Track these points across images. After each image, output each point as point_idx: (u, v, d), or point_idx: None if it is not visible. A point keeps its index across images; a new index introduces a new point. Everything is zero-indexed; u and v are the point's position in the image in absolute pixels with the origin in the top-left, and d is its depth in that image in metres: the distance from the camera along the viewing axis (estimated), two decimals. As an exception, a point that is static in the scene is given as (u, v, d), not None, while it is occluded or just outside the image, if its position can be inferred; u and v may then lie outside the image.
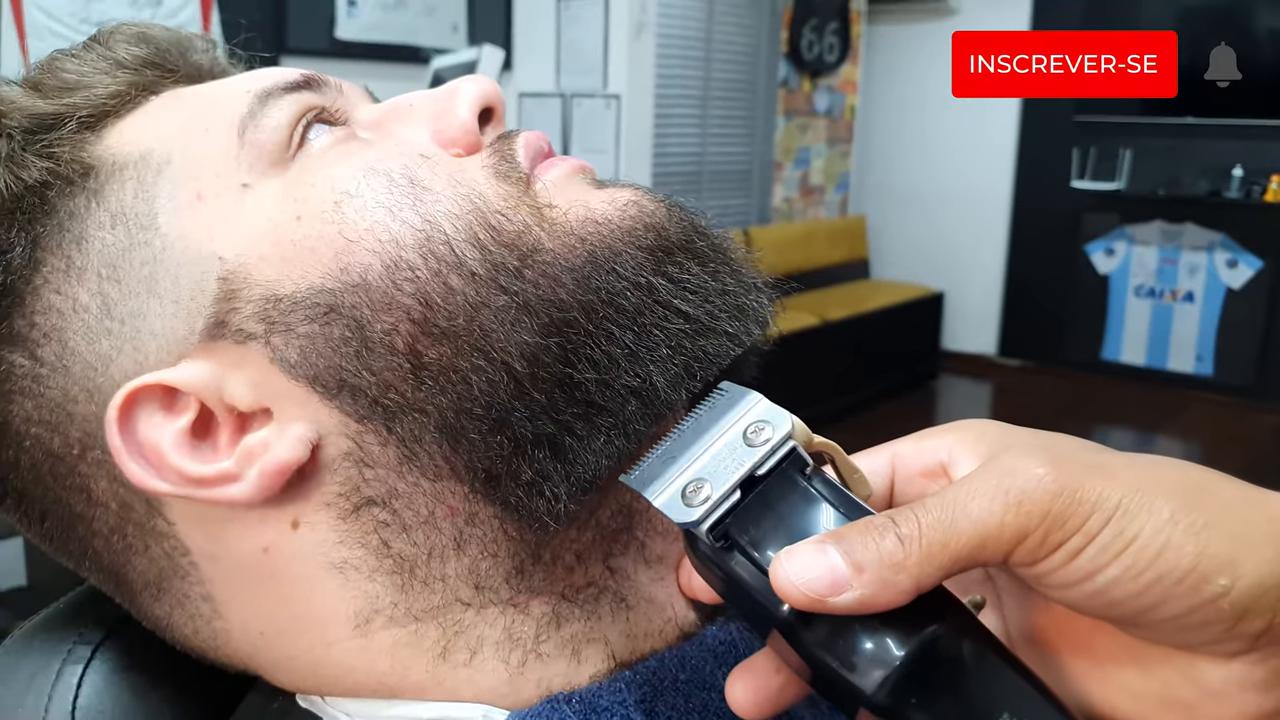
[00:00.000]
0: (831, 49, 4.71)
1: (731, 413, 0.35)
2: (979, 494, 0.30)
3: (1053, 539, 0.29)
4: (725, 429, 0.34)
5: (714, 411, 0.35)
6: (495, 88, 0.44)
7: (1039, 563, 0.30)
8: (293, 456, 0.37)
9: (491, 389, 0.37)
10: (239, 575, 0.39)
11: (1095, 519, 0.29)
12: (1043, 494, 0.29)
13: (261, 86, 0.41)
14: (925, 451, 0.36)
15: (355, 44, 3.19)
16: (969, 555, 0.29)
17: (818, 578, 0.29)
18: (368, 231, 0.37)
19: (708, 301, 0.40)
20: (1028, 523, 0.29)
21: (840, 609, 0.29)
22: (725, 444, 0.34)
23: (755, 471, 0.33)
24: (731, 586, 0.33)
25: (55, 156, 0.40)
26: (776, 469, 0.33)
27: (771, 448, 0.33)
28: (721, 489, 0.33)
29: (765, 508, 0.33)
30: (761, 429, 0.34)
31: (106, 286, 0.38)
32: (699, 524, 0.32)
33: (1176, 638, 0.30)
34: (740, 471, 0.33)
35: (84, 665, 0.44)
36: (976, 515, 0.29)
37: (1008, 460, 0.31)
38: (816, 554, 0.30)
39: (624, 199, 0.41)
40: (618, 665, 0.40)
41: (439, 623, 0.39)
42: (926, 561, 0.29)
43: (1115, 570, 0.29)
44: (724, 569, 0.33)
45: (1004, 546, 0.29)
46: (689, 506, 0.33)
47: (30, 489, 0.41)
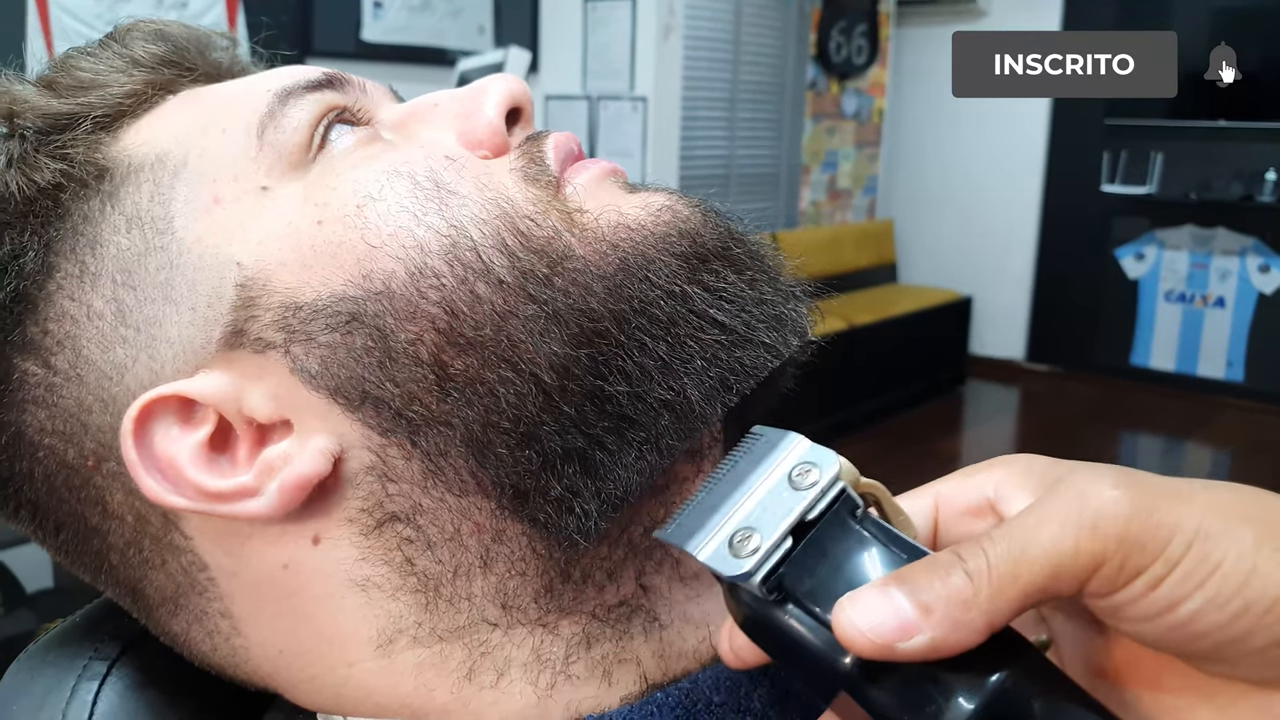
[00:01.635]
0: (860, 51, 4.69)
1: (772, 456, 0.33)
2: (1049, 519, 0.27)
3: (1131, 565, 0.27)
4: (767, 474, 0.32)
5: (752, 456, 0.33)
6: (523, 86, 0.43)
7: (1117, 592, 0.27)
8: (314, 470, 0.35)
9: (519, 402, 0.35)
10: (258, 592, 0.38)
11: (1176, 544, 0.27)
12: (1118, 516, 0.27)
13: (282, 85, 0.40)
14: (970, 489, 0.33)
15: (381, 46, 3.19)
16: (1042, 586, 0.27)
17: (884, 623, 0.27)
18: (391, 237, 0.36)
19: (744, 311, 0.38)
20: (1104, 548, 0.27)
21: (911, 655, 0.27)
22: (769, 489, 0.32)
23: (805, 516, 0.31)
24: (786, 643, 0.30)
25: (69, 158, 0.39)
26: (827, 513, 0.31)
27: (821, 490, 0.31)
28: (772, 537, 0.30)
29: (819, 555, 0.30)
30: (808, 471, 0.31)
31: (121, 293, 0.37)
32: (751, 576, 0.30)
33: (1257, 672, 0.28)
34: (790, 517, 0.30)
35: (100, 681, 0.43)
36: (1048, 542, 0.27)
37: (1077, 483, 0.28)
38: (881, 598, 0.28)
39: (658, 203, 0.39)
40: (650, 687, 0.39)
41: (465, 643, 0.37)
42: (998, 596, 0.27)
43: (1199, 601, 0.27)
44: (778, 624, 0.30)
45: (1080, 575, 0.27)
46: (738, 558, 0.30)
47: (45, 501, 0.40)
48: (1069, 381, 4.87)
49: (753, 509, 0.31)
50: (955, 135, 4.95)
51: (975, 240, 4.99)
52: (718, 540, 0.31)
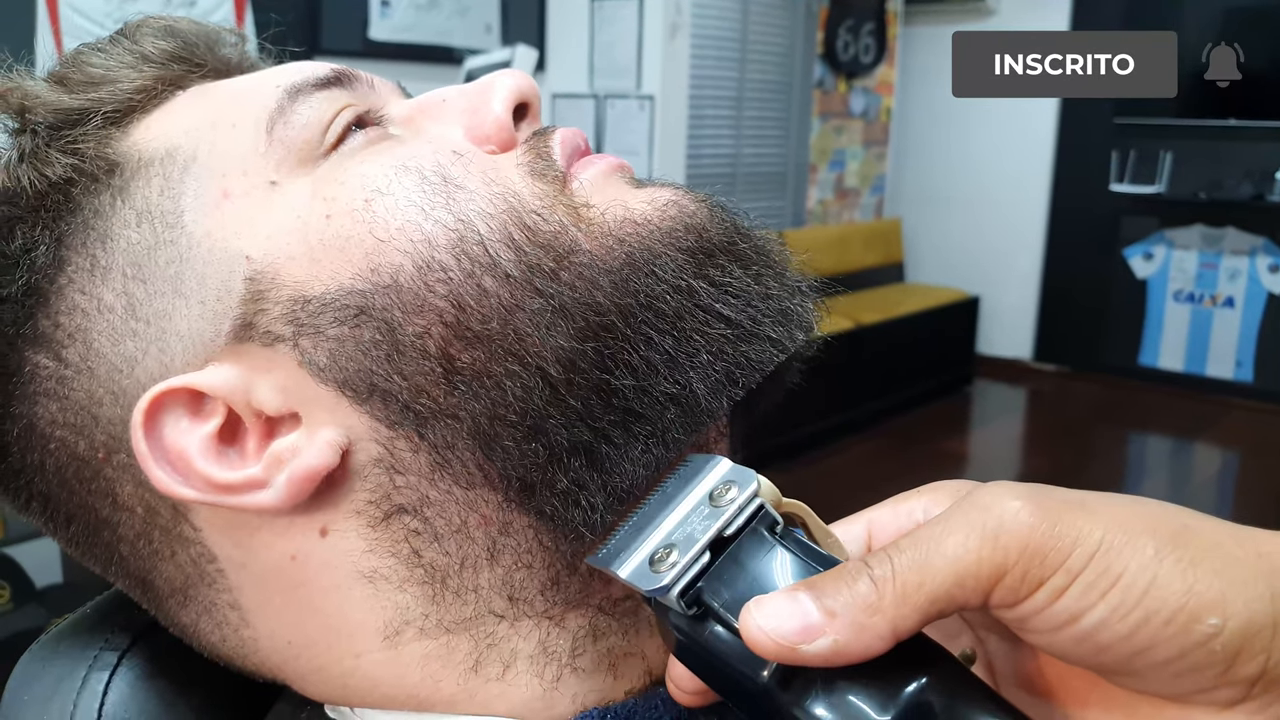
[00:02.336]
0: (867, 50, 4.68)
1: (696, 478, 0.34)
2: (954, 530, 0.28)
3: (1033, 576, 0.27)
4: (690, 494, 0.33)
5: (679, 480, 0.34)
6: (530, 82, 0.43)
7: (1021, 603, 0.28)
8: (322, 462, 0.36)
9: (526, 395, 0.36)
10: (266, 583, 0.38)
11: (1078, 555, 0.27)
12: (1019, 526, 0.27)
13: (291, 82, 0.40)
14: (901, 514, 0.34)
15: (388, 44, 3.20)
16: (946, 595, 0.28)
17: (787, 625, 0.28)
18: (399, 231, 0.36)
19: (750, 306, 0.38)
20: (1006, 558, 0.27)
21: (814, 658, 0.28)
22: (690, 508, 0.33)
23: (724, 532, 0.31)
24: (712, 662, 0.31)
25: (80, 153, 0.39)
26: (745, 528, 0.32)
27: (739, 506, 0.32)
28: (690, 553, 0.31)
29: (737, 568, 0.31)
30: (727, 489, 0.32)
31: (131, 286, 0.38)
32: (669, 589, 0.30)
33: (1169, 686, 0.28)
34: (709, 534, 0.31)
35: (110, 671, 0.43)
36: (952, 552, 0.28)
37: (981, 496, 0.29)
38: (786, 602, 0.28)
39: (664, 199, 0.40)
40: (654, 681, 0.39)
41: (471, 635, 0.38)
42: (902, 603, 0.27)
43: (1102, 611, 0.27)
44: (702, 643, 0.31)
45: (983, 585, 0.27)
46: (656, 573, 0.31)
47: (55, 493, 0.40)
48: (1077, 381, 4.85)
49: (673, 528, 0.32)
50: (963, 134, 4.94)
51: (983, 239, 4.98)
52: (639, 558, 0.32)
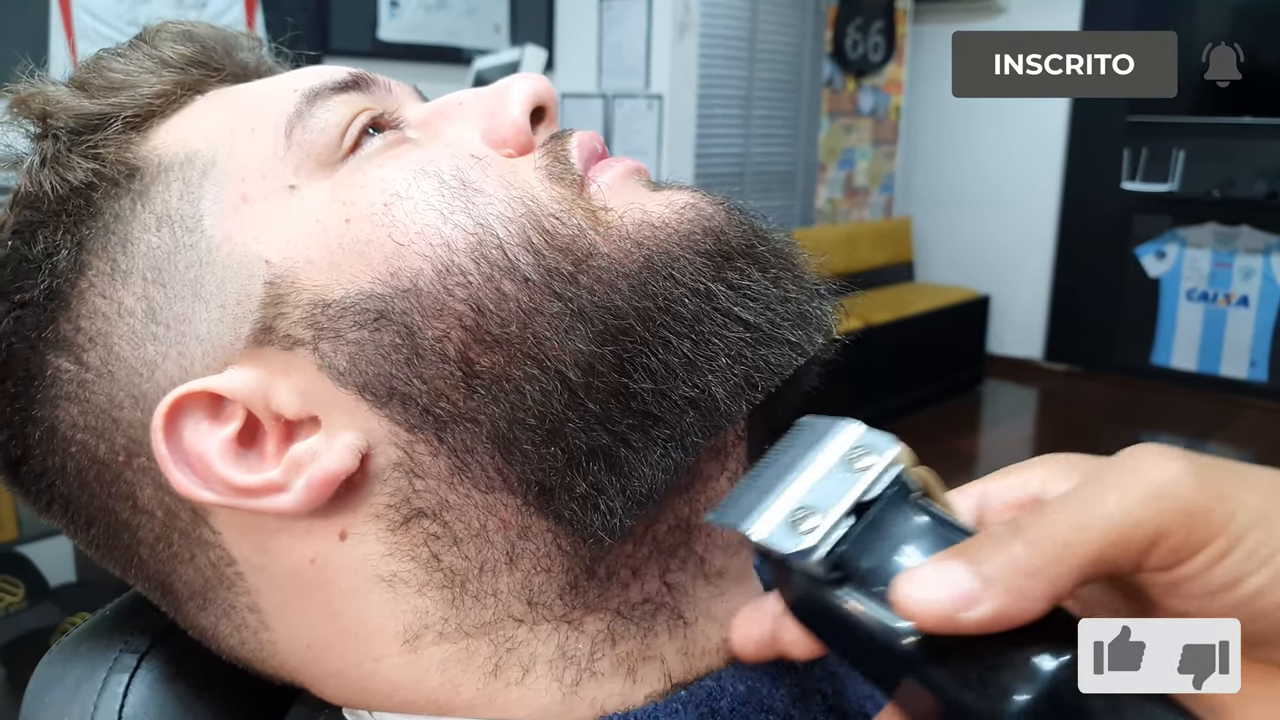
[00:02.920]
0: (876, 48, 4.67)
1: (825, 441, 0.33)
2: (1112, 488, 0.27)
3: (1195, 539, 0.26)
4: (821, 458, 0.32)
5: (803, 443, 0.33)
6: (547, 85, 0.43)
7: (1180, 565, 0.27)
8: (341, 466, 0.36)
9: (545, 399, 0.36)
10: (286, 586, 0.38)
11: (1241, 520, 0.26)
12: (1183, 489, 0.26)
13: (309, 86, 0.40)
14: (1014, 487, 0.33)
15: (397, 45, 3.20)
16: (1105, 556, 0.26)
17: (943, 594, 0.27)
18: (418, 235, 0.36)
19: (769, 309, 0.38)
20: (1168, 520, 0.26)
21: (971, 625, 0.27)
22: (825, 472, 0.31)
23: (864, 497, 0.31)
24: (842, 626, 0.30)
25: (101, 157, 0.39)
26: (884, 494, 0.31)
27: (879, 472, 0.31)
28: (833, 516, 0.30)
29: (877, 535, 0.30)
30: (865, 454, 0.32)
31: (152, 290, 0.38)
32: (812, 553, 0.30)
33: None
34: (850, 497, 0.30)
35: (130, 674, 0.43)
36: (1111, 512, 0.26)
37: (1138, 455, 0.28)
38: (940, 571, 0.27)
39: (681, 202, 0.40)
40: (674, 685, 0.39)
41: (490, 639, 0.38)
42: (1060, 563, 0.26)
43: (1264, 577, 0.26)
44: (834, 606, 0.30)
45: (1143, 546, 0.26)
46: (798, 536, 0.30)
47: (76, 495, 0.40)
48: (1088, 381, 4.84)
49: (809, 491, 0.31)
50: (973, 132, 4.92)
51: (993, 238, 4.96)
52: (775, 520, 0.31)
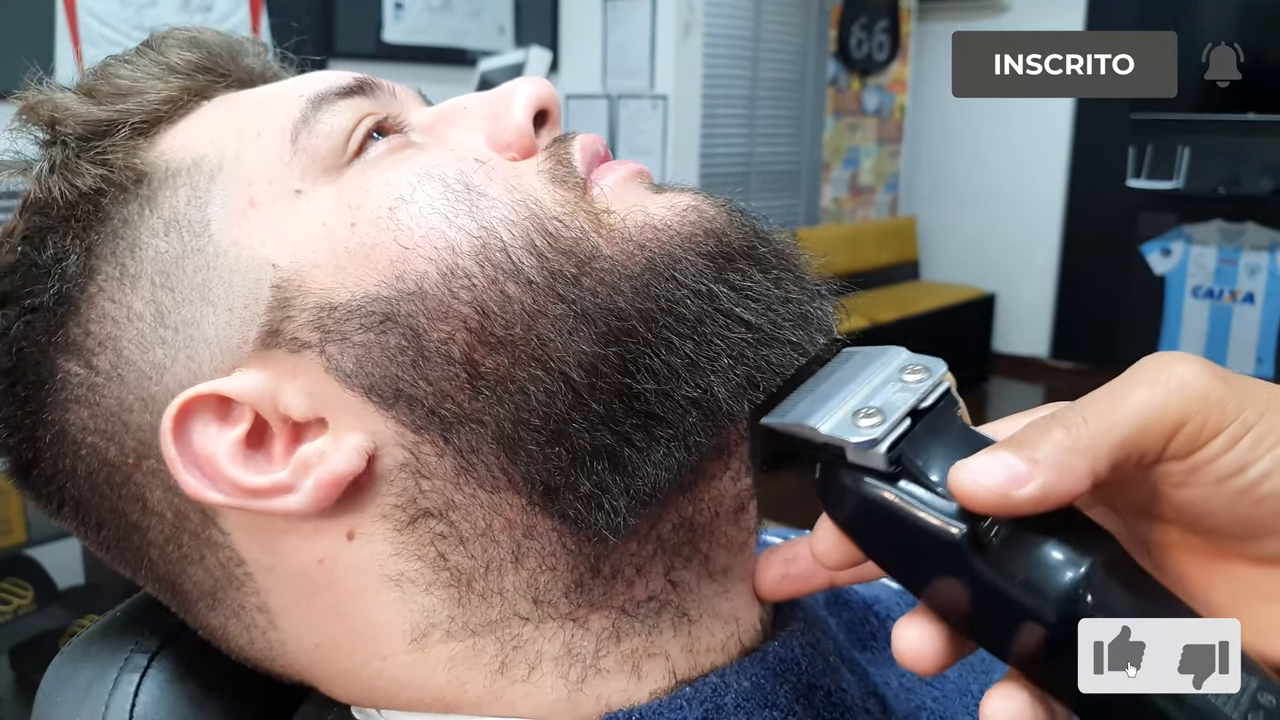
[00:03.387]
0: (881, 47, 4.67)
1: (878, 360, 0.36)
2: (1139, 383, 0.30)
3: (1211, 425, 0.29)
4: (876, 373, 0.35)
5: (854, 363, 0.36)
6: (550, 89, 0.43)
7: (1197, 451, 0.30)
8: (348, 467, 0.36)
9: (549, 399, 0.36)
10: (294, 587, 0.39)
11: (1251, 411, 0.29)
12: (1200, 382, 0.30)
13: (315, 91, 0.41)
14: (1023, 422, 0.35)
15: (402, 47, 3.20)
16: (1133, 439, 0.29)
17: (997, 475, 0.29)
18: (423, 238, 0.37)
19: (770, 310, 0.39)
20: (1188, 408, 0.29)
21: (1024, 502, 0.29)
22: (881, 382, 0.34)
23: (920, 405, 0.33)
24: (891, 524, 0.32)
25: (109, 163, 0.40)
26: (936, 405, 0.34)
27: (933, 384, 0.34)
28: (894, 416, 0.33)
29: (930, 437, 0.33)
30: (917, 370, 0.35)
31: (160, 294, 0.38)
32: (878, 443, 0.32)
33: None
34: (910, 402, 0.33)
35: (141, 673, 0.44)
36: (1139, 401, 0.30)
37: (1160, 357, 0.31)
38: (990, 458, 0.30)
39: (683, 204, 0.40)
40: (678, 682, 0.39)
41: (497, 637, 0.38)
42: (1097, 444, 0.29)
43: (1268, 463, 0.29)
44: (888, 501, 0.32)
45: (1167, 431, 0.29)
46: (862, 430, 0.32)
47: (87, 497, 0.41)
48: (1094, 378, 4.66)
49: (868, 396, 0.34)
50: (978, 131, 4.92)
51: (998, 236, 4.96)
52: (838, 417, 0.33)
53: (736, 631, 0.41)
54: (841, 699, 0.41)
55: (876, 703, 0.44)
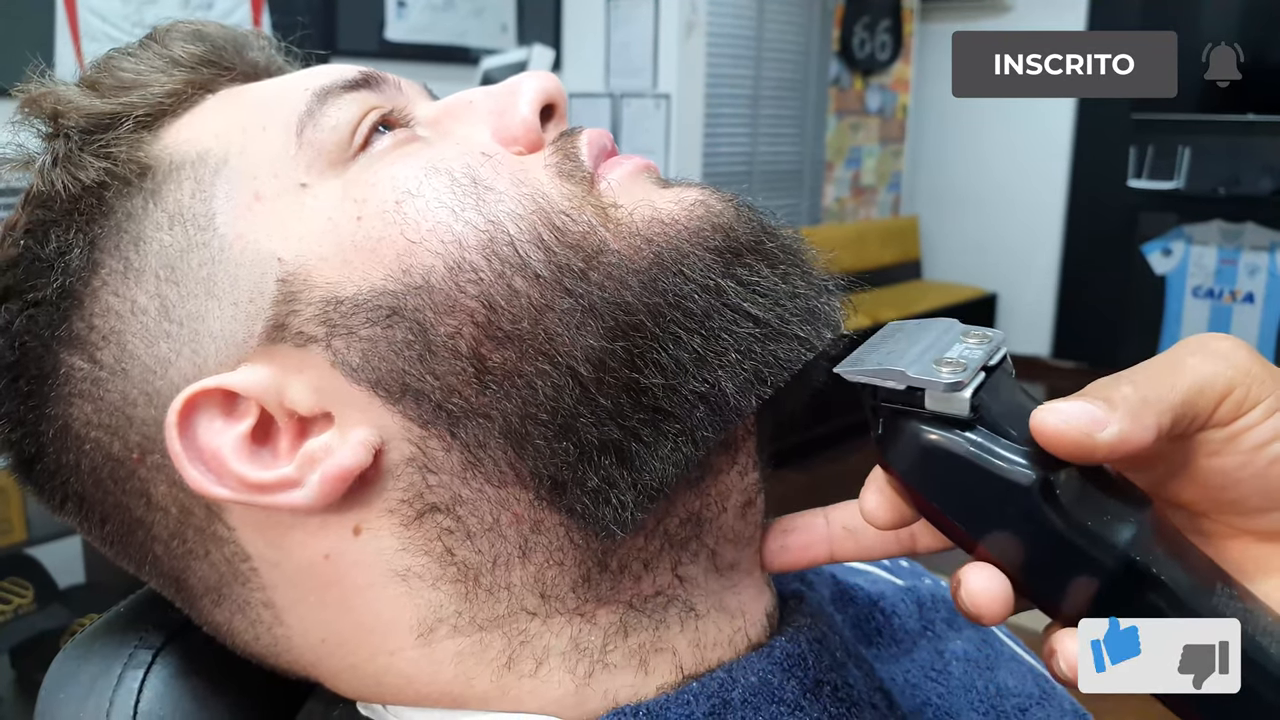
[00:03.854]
0: (884, 47, 4.66)
1: (936, 327, 0.37)
2: (1191, 353, 0.33)
3: (1254, 394, 0.32)
4: (939, 336, 0.36)
5: (910, 331, 0.37)
6: (557, 83, 0.43)
7: (1240, 418, 0.32)
8: (355, 462, 0.36)
9: (557, 394, 0.36)
10: (300, 582, 0.39)
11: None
12: (1243, 356, 0.33)
13: (320, 85, 0.41)
14: None
15: (405, 45, 3.20)
16: (1189, 401, 0.32)
17: (1080, 417, 0.31)
18: (430, 232, 0.37)
19: (778, 305, 0.38)
20: (1235, 377, 0.32)
21: (1104, 445, 0.31)
22: (949, 343, 0.35)
23: (990, 362, 0.35)
24: (961, 473, 0.33)
25: (112, 157, 0.40)
26: (1001, 365, 0.35)
27: (997, 344, 0.35)
28: (973, 368, 0.34)
29: (1000, 391, 0.34)
30: (976, 335, 0.36)
31: (165, 288, 0.38)
32: (962, 388, 0.33)
33: None
34: (983, 356, 0.34)
35: (145, 670, 0.44)
36: (1195, 366, 0.32)
37: (1203, 336, 0.34)
38: (1070, 404, 0.32)
39: (691, 199, 0.40)
40: (685, 677, 0.39)
41: (504, 632, 0.38)
42: (1161, 401, 0.32)
43: None
44: (962, 449, 0.33)
45: (1217, 395, 0.32)
46: (945, 374, 0.33)
47: (90, 493, 0.40)
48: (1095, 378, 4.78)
49: (942, 351, 0.35)
50: (980, 131, 4.91)
51: (1000, 236, 4.96)
52: (920, 365, 0.34)
53: (744, 626, 0.41)
54: (848, 694, 0.41)
55: (883, 698, 0.43)
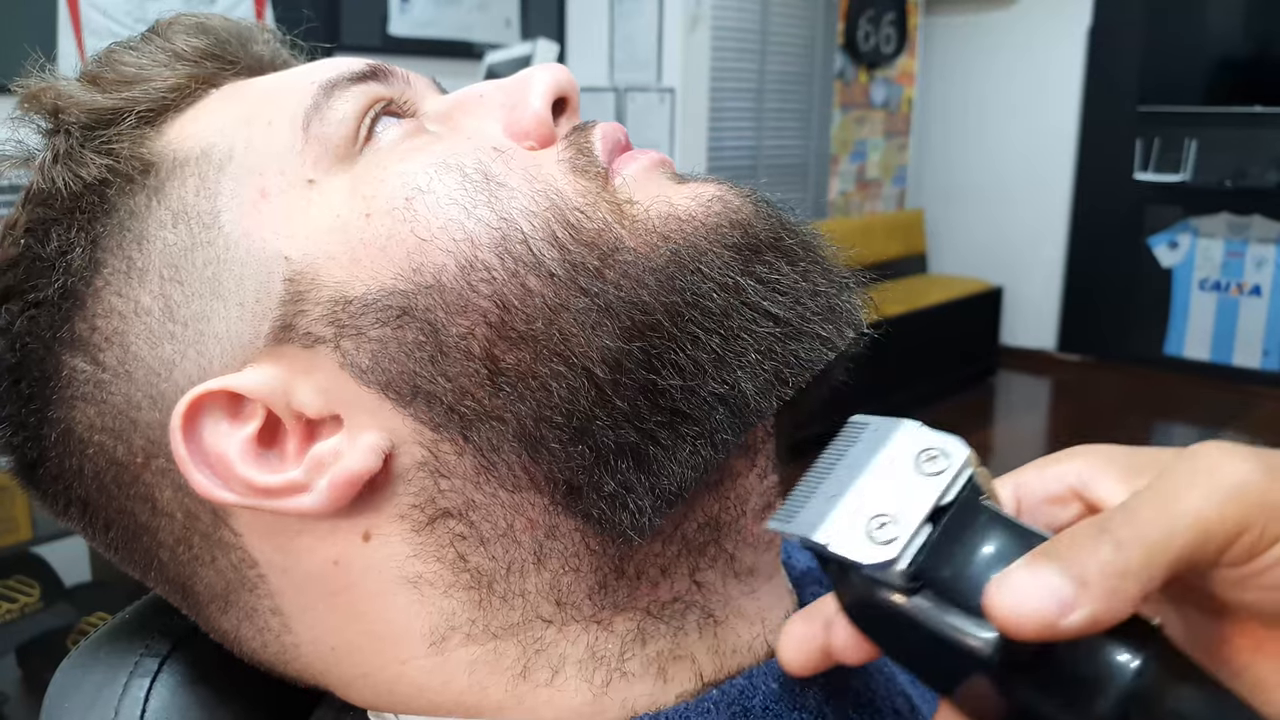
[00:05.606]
0: (888, 40, 4.65)
1: (889, 443, 0.32)
2: (1192, 487, 0.27)
3: (1270, 531, 0.27)
4: (889, 461, 0.31)
5: (864, 444, 0.32)
6: (569, 76, 0.42)
7: (1258, 557, 0.27)
8: (364, 466, 0.35)
9: (572, 396, 0.35)
10: (309, 588, 0.38)
11: None
12: (1259, 483, 0.27)
13: (326, 77, 0.40)
14: (1050, 479, 0.33)
15: (408, 40, 3.19)
16: (1190, 553, 0.27)
17: (1043, 602, 0.26)
18: (441, 230, 0.36)
19: (798, 303, 0.37)
20: (1247, 515, 0.27)
21: (1073, 630, 0.26)
22: (896, 476, 0.31)
23: (941, 502, 0.30)
24: (912, 633, 0.30)
25: (114, 153, 0.39)
26: (959, 499, 0.30)
27: (952, 476, 0.30)
28: (912, 523, 0.29)
29: (954, 541, 0.30)
30: (934, 457, 0.31)
31: (169, 288, 0.37)
32: (895, 563, 0.29)
33: None
34: (928, 504, 0.30)
35: (151, 678, 0.43)
36: (1196, 508, 0.27)
37: (1209, 453, 0.28)
38: (1031, 576, 0.27)
39: (708, 194, 0.39)
40: (705, 685, 0.38)
41: (519, 640, 0.37)
42: (1150, 563, 0.27)
43: None
44: (908, 613, 0.29)
45: (1225, 540, 0.27)
46: (877, 546, 0.29)
47: (94, 498, 0.40)
48: (1101, 372, 4.82)
49: (882, 496, 0.31)
50: (985, 124, 4.91)
51: (1006, 230, 4.95)
52: (851, 529, 0.30)
53: (763, 632, 0.40)
54: (870, 700, 0.40)
55: (905, 702, 0.43)
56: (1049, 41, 4.66)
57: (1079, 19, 4.56)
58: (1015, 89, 4.79)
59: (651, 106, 3.59)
